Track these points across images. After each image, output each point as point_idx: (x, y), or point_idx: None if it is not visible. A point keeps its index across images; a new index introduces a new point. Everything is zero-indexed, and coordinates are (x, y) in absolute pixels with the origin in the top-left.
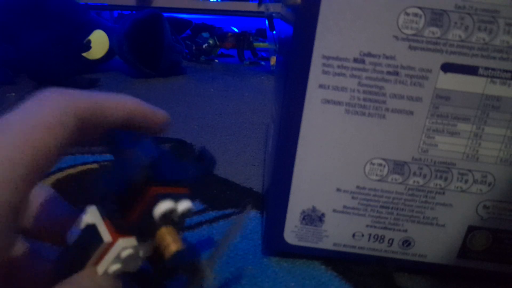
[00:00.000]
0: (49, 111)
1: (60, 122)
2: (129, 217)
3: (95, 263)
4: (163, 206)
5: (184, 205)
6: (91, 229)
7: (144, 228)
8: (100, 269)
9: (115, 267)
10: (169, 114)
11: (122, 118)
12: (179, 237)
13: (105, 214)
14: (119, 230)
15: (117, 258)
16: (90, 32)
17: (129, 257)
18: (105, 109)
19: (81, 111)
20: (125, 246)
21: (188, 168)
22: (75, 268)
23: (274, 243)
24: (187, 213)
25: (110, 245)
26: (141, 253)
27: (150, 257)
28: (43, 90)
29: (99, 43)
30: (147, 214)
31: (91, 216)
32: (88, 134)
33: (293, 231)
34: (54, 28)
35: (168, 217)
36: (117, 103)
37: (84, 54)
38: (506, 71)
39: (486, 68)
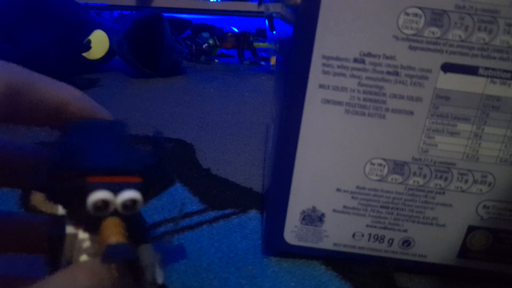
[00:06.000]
0: None
1: None
2: (73, 214)
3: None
4: (92, 197)
5: (125, 195)
6: (59, 220)
7: (91, 221)
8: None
9: (83, 258)
10: (169, 114)
11: (56, 102)
12: (122, 231)
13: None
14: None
15: (84, 250)
16: (90, 32)
17: (91, 249)
18: (38, 87)
19: (10, 80)
20: (83, 238)
21: (136, 156)
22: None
23: (274, 243)
24: (132, 204)
25: (75, 237)
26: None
27: None
28: None
29: (99, 43)
30: (84, 209)
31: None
32: (20, 110)
33: (293, 231)
34: (54, 28)
35: (104, 208)
36: (52, 85)
37: (84, 54)
38: (506, 71)
39: (486, 68)
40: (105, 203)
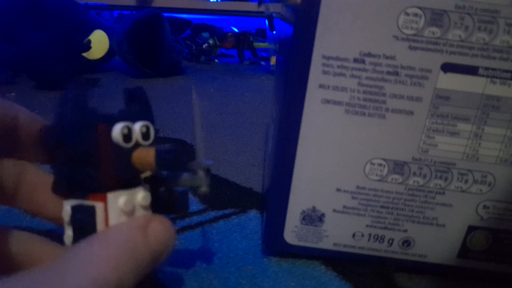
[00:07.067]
0: None
1: None
2: (102, 171)
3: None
4: (117, 126)
5: (140, 122)
6: (78, 207)
7: (121, 167)
8: None
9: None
10: (169, 114)
11: (8, 117)
12: (155, 147)
13: (86, 188)
14: (102, 191)
15: (120, 211)
16: (90, 32)
17: (129, 205)
18: None
19: None
20: (116, 195)
21: (129, 110)
22: None
23: (274, 243)
24: (147, 131)
25: (105, 206)
26: (138, 198)
27: (156, 206)
28: None
29: (99, 43)
30: (111, 148)
31: (69, 202)
32: None
33: (293, 231)
34: (54, 28)
35: (129, 137)
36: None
37: (84, 54)
38: (506, 71)
39: (486, 68)
40: (129, 130)
